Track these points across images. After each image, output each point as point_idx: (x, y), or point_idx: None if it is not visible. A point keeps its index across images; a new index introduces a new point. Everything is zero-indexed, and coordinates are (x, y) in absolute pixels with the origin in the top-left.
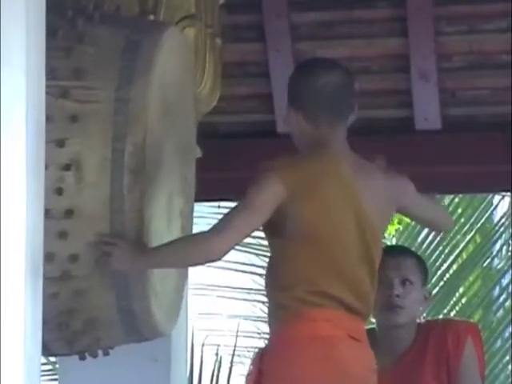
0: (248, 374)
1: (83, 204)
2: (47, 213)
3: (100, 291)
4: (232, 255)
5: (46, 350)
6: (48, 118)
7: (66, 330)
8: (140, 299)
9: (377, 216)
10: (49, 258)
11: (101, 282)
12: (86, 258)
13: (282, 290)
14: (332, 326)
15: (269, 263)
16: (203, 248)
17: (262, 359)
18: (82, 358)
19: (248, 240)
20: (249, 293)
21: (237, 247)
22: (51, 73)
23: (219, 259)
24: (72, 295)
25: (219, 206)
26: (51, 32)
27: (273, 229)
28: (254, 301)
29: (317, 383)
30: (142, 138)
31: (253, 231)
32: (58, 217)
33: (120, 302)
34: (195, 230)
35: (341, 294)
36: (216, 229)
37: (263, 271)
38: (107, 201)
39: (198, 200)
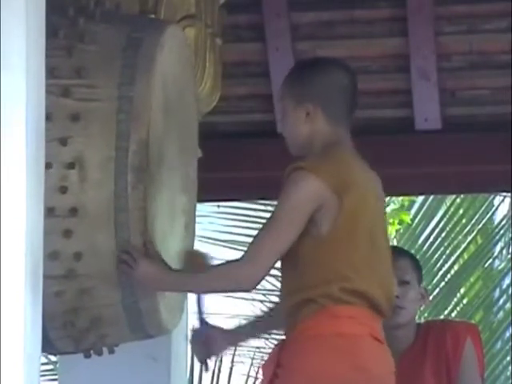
0: (263, 365)
1: (87, 202)
2: (51, 211)
3: (105, 289)
4: (232, 255)
5: (52, 348)
6: (50, 117)
7: (71, 329)
8: (147, 297)
9: (384, 217)
10: (53, 256)
11: (106, 281)
12: (90, 256)
13: (314, 286)
14: (356, 323)
15: (291, 258)
16: (235, 277)
17: (280, 352)
18: (87, 356)
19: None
20: (248, 293)
21: (237, 247)
22: (53, 72)
23: (253, 288)
24: (77, 293)
25: (219, 206)
26: (52, 31)
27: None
28: (254, 300)
29: (334, 379)
30: (146, 136)
31: (289, 247)
32: (63, 215)
33: (126, 299)
34: (197, 228)
35: (373, 294)
36: (248, 256)
37: None
38: (111, 199)
39: (197, 200)
